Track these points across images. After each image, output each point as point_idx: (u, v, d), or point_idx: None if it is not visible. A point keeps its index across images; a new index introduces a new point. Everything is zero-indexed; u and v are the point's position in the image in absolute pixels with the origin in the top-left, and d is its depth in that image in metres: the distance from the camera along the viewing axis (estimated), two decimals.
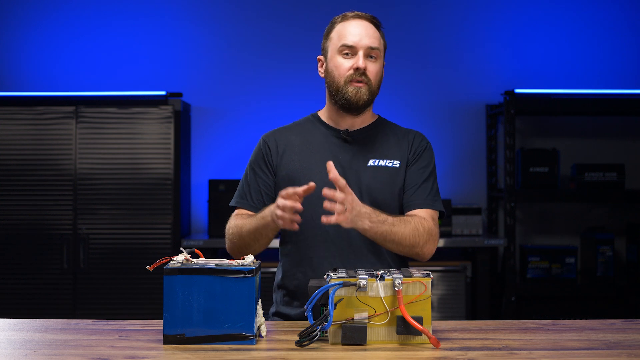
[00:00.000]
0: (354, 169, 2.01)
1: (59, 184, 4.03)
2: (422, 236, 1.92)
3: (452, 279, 4.11)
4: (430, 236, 1.95)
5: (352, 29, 2.00)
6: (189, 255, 1.61)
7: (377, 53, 2.00)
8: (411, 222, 1.92)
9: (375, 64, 2.00)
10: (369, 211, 1.83)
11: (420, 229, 1.92)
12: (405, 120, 2.12)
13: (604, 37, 4.53)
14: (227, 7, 4.55)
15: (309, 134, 2.07)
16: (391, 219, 1.88)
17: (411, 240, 1.90)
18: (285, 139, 2.08)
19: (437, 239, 2.00)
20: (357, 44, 1.98)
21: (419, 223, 1.93)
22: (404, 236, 1.89)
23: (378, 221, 1.84)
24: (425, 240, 1.93)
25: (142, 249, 4.02)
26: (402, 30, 4.51)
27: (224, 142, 4.48)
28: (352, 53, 1.98)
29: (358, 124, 2.06)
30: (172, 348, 1.51)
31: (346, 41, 1.98)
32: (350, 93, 1.97)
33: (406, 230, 1.89)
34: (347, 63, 1.98)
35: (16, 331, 1.69)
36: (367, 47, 1.98)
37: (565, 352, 1.49)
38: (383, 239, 1.87)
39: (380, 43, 2.03)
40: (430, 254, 1.97)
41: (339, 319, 1.53)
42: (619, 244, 4.44)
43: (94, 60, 4.51)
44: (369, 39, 1.99)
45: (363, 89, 1.98)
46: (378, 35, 2.03)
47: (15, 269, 4.04)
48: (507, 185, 4.14)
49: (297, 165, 2.02)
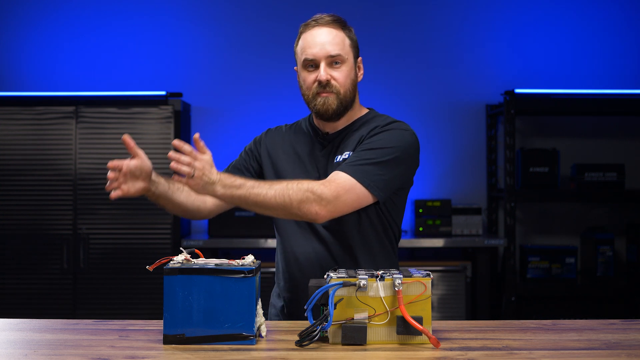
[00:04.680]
0: (323, 170, 2.00)
1: (59, 184, 4.03)
2: (294, 195, 1.79)
3: (452, 279, 4.11)
4: (312, 194, 1.80)
5: (311, 40, 1.97)
6: (189, 255, 1.61)
7: (340, 58, 1.97)
8: (280, 183, 1.83)
9: (341, 70, 1.97)
10: (222, 177, 1.77)
11: (292, 187, 1.81)
12: (406, 120, 2.10)
13: (604, 37, 4.53)
14: (227, 7, 4.55)
15: (299, 134, 2.10)
16: (250, 183, 1.81)
17: (279, 202, 1.79)
18: (280, 138, 2.12)
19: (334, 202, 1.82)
20: (317, 56, 1.96)
21: (294, 183, 1.82)
22: (266, 198, 1.79)
23: (233, 186, 1.78)
24: (300, 199, 1.79)
25: (142, 249, 4.02)
26: (402, 30, 4.51)
27: (224, 142, 4.48)
28: (315, 65, 1.97)
29: (341, 124, 2.05)
30: (172, 348, 1.51)
31: (307, 55, 1.97)
32: (319, 105, 1.97)
33: (269, 192, 1.80)
34: (311, 77, 1.97)
35: (16, 331, 1.69)
36: (327, 57, 1.96)
37: (565, 352, 1.49)
38: (244, 203, 1.81)
39: (345, 45, 1.99)
40: (314, 213, 1.81)
41: (339, 319, 1.53)
42: (619, 244, 4.44)
43: (94, 60, 4.51)
44: (330, 46, 1.96)
45: (330, 98, 1.96)
46: (341, 37, 1.98)
47: (15, 269, 4.04)
48: (507, 185, 4.14)
49: (283, 163, 2.06)
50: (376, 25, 4.52)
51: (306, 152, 2.05)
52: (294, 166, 2.04)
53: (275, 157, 2.09)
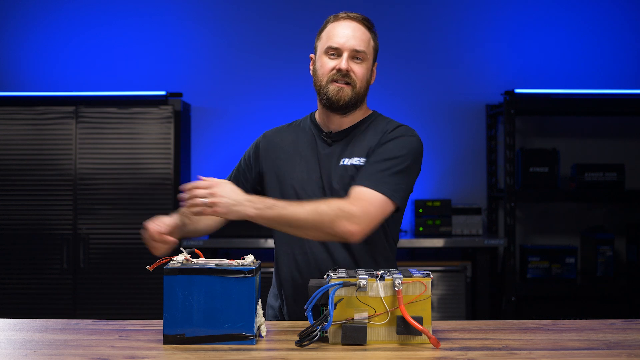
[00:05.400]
0: (327, 171, 1.99)
1: (59, 184, 4.03)
2: (326, 214, 1.78)
3: (452, 279, 4.11)
4: (343, 213, 1.78)
5: (340, 31, 1.99)
6: (189, 255, 1.62)
7: (363, 56, 1.99)
8: (311, 203, 1.81)
9: (361, 66, 1.99)
10: (251, 198, 1.79)
11: (323, 207, 1.79)
12: (405, 120, 2.10)
13: (604, 37, 4.53)
14: (227, 7, 4.55)
15: (301, 134, 2.08)
16: (282, 203, 1.80)
17: (311, 221, 1.78)
18: (279, 138, 2.10)
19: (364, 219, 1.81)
20: (342, 46, 1.97)
21: (324, 202, 1.82)
22: (300, 218, 1.78)
23: (265, 207, 1.79)
24: (331, 218, 1.78)
25: (142, 249, 3.97)
26: (402, 30, 4.51)
27: (224, 142, 4.48)
28: (338, 54, 1.98)
29: (347, 123, 2.04)
30: (172, 348, 1.51)
31: (332, 43, 1.98)
32: (332, 92, 1.96)
33: (302, 211, 1.78)
34: (331, 63, 1.98)
35: (16, 331, 1.69)
36: (352, 50, 1.97)
37: (565, 352, 1.49)
38: (277, 223, 1.82)
39: (370, 45, 2.01)
40: (348, 232, 1.79)
41: (339, 319, 1.53)
42: (619, 244, 4.44)
43: (94, 60, 4.52)
44: (356, 41, 1.98)
45: (346, 89, 1.97)
46: (367, 37, 2.01)
47: (15, 269, 4.04)
48: (507, 185, 4.14)
49: (284, 163, 2.04)
50: (376, 26, 4.50)
51: (308, 151, 2.03)
52: (295, 165, 2.02)
53: (275, 158, 2.07)
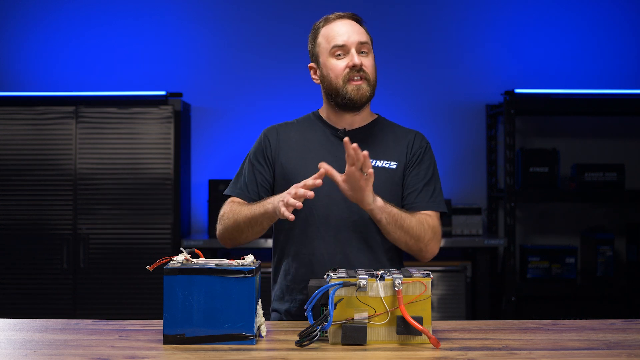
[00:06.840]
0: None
1: (59, 184, 4.03)
2: (427, 231, 1.92)
3: (452, 279, 4.11)
4: (435, 234, 1.95)
5: (339, 29, 1.99)
6: (189, 255, 1.61)
7: (367, 47, 2.00)
8: (417, 215, 1.93)
9: (369, 58, 2.00)
10: None
11: (425, 224, 1.93)
12: (405, 120, 2.11)
13: (604, 37, 4.53)
14: (227, 7, 4.55)
15: (308, 132, 2.05)
16: (397, 208, 1.89)
17: (418, 231, 1.91)
18: (286, 135, 2.06)
19: (440, 240, 2.00)
20: (348, 42, 1.97)
21: (424, 219, 1.94)
22: (411, 225, 1.89)
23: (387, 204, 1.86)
24: (430, 236, 1.93)
25: (142, 249, 4.02)
26: (402, 30, 4.51)
27: (224, 142, 4.48)
28: (345, 52, 1.97)
29: (357, 122, 2.04)
30: (172, 348, 1.51)
31: (336, 42, 1.97)
32: (352, 92, 1.96)
33: (413, 220, 1.90)
34: (342, 63, 1.97)
35: (16, 331, 1.69)
36: (357, 43, 1.97)
37: (565, 352, 1.49)
38: (394, 222, 1.86)
39: (368, 37, 2.03)
40: (433, 252, 1.96)
41: (339, 319, 1.53)
42: (619, 244, 4.44)
43: (94, 60, 4.51)
44: (357, 34, 1.99)
45: (363, 85, 1.97)
46: (363, 30, 2.03)
47: (15, 269, 4.04)
48: (507, 185, 4.14)
49: (294, 161, 2.01)
50: (376, 26, 4.47)
51: (320, 148, 2.01)
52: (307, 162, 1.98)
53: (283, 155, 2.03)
